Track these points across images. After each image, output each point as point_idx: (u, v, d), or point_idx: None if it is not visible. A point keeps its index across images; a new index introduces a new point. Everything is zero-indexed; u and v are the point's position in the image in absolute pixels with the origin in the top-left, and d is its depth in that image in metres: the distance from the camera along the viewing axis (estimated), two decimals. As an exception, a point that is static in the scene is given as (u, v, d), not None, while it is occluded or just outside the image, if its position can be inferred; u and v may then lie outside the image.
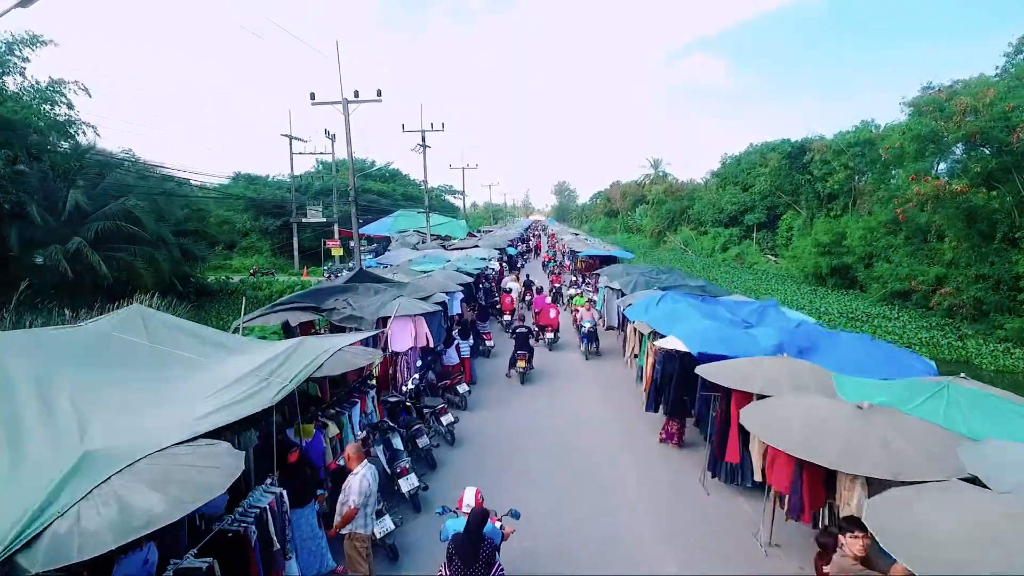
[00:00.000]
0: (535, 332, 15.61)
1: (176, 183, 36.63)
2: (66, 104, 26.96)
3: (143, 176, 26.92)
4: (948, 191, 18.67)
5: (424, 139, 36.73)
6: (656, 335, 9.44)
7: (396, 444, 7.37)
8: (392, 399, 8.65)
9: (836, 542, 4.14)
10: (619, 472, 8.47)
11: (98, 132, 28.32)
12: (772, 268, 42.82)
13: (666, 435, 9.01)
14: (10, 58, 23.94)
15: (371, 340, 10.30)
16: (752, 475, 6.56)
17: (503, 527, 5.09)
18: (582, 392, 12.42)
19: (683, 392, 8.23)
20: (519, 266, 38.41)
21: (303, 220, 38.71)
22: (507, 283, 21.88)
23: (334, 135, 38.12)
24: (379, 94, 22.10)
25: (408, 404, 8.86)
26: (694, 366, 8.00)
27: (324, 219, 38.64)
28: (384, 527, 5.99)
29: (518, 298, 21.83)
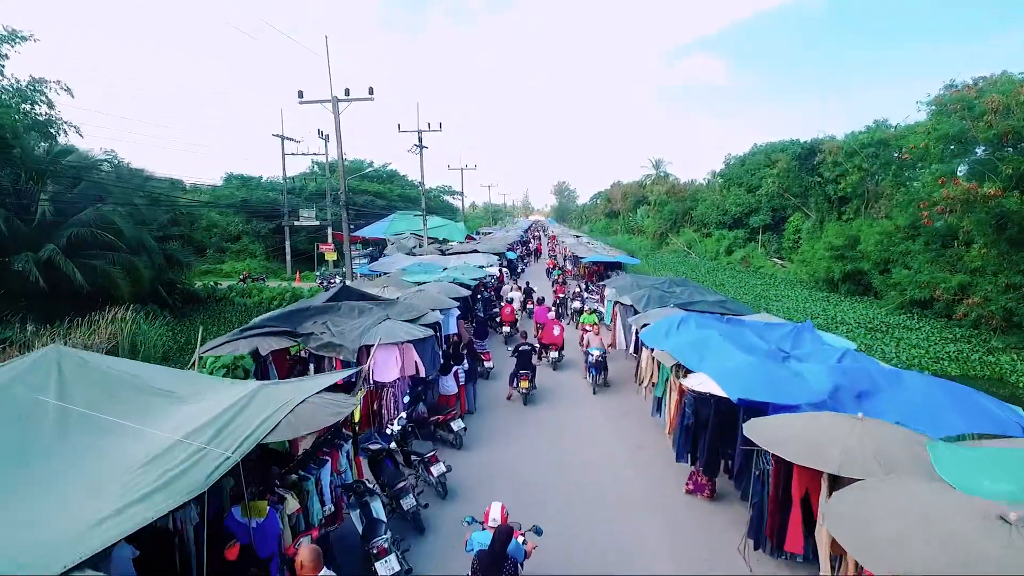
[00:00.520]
0: (538, 350, 14.34)
1: (163, 185, 35.38)
2: (46, 104, 25.77)
3: (124, 179, 25.62)
4: (979, 195, 17.42)
5: (420, 139, 35.46)
6: (681, 369, 8.17)
7: (376, 511, 6.09)
8: (373, 446, 7.37)
9: None
10: (640, 532, 7.19)
11: (80, 132, 26.97)
12: (780, 272, 41.58)
13: (695, 486, 7.74)
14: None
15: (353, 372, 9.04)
16: (810, 555, 5.30)
17: (526, 542, 5.15)
18: (592, 424, 11.07)
19: (720, 443, 6.96)
20: (519, 271, 37.16)
21: (295, 223, 37.37)
22: (509, 293, 20.62)
23: (327, 135, 36.75)
24: (371, 92, 20.85)
25: (393, 450, 7.58)
26: (732, 411, 6.75)
27: (318, 222, 37.31)
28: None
29: (519, 307, 20.61)
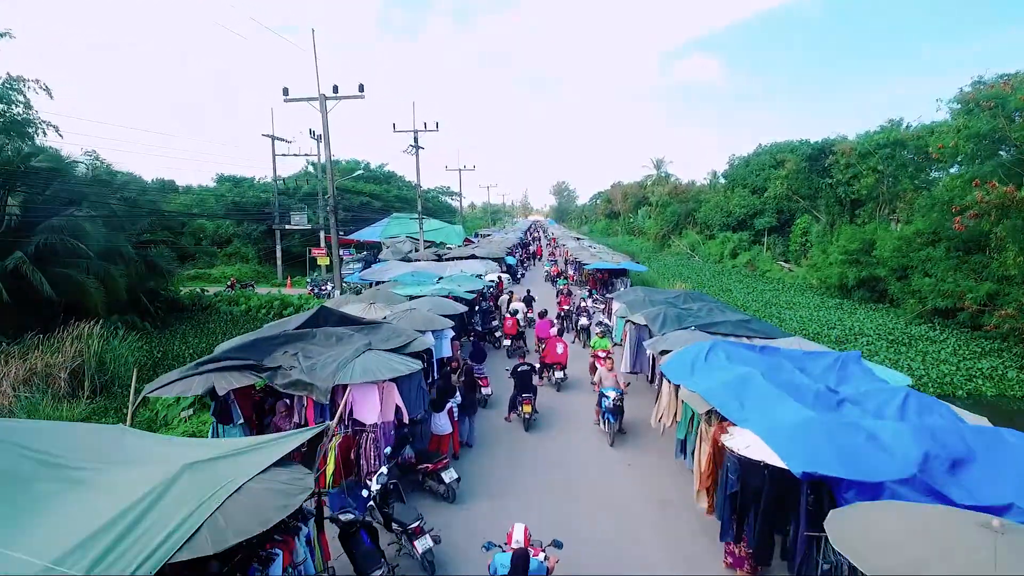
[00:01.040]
0: (539, 370, 13.02)
1: (147, 187, 33.98)
2: (23, 104, 24.47)
3: (102, 181, 24.23)
4: (1017, 199, 16.12)
5: (416, 139, 34.11)
6: (714, 414, 6.84)
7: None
8: (345, 516, 6.03)
9: None
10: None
11: (60, 133, 25.55)
12: (788, 277, 40.24)
13: (733, 560, 6.41)
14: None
15: (325, 410, 7.70)
16: None
17: (547, 558, 5.07)
18: (606, 470, 9.59)
19: (775, 522, 5.63)
20: (520, 276, 35.80)
21: (286, 227, 35.96)
22: (511, 304, 19.29)
23: (319, 135, 35.40)
24: (361, 89, 19.52)
25: (368, 522, 6.23)
26: (788, 479, 5.41)
27: (309, 226, 35.89)
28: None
29: (522, 318, 19.34)
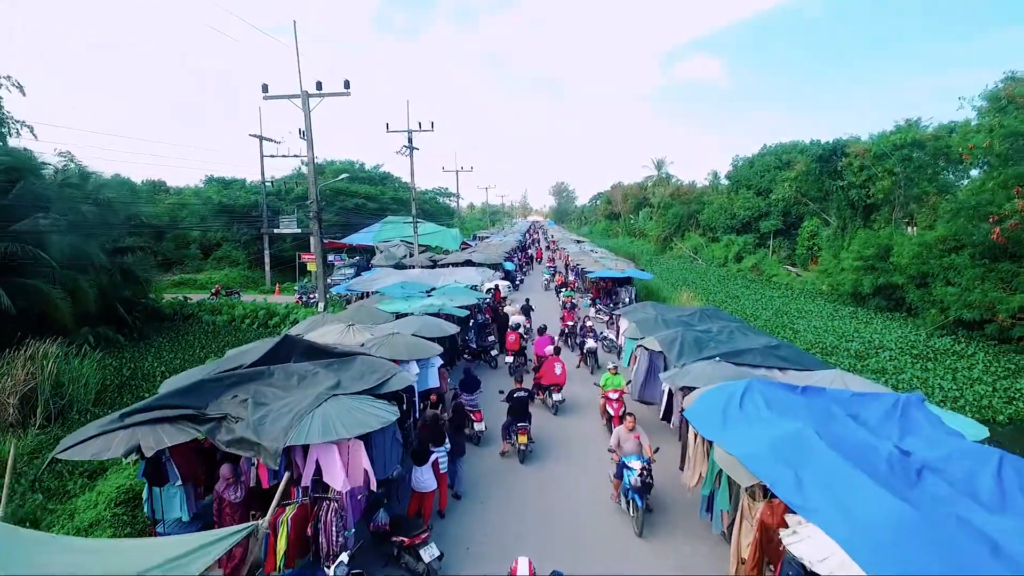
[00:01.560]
0: (533, 394, 11.69)
1: (133, 188, 32.53)
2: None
3: (73, 184, 22.74)
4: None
5: (411, 140, 32.60)
6: (762, 491, 5.43)
7: None
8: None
9: None
10: None
11: (34, 132, 24.08)
12: (795, 282, 38.86)
13: None
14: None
15: (281, 462, 6.29)
16: None
17: None
18: (620, 536, 7.95)
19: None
20: (518, 282, 34.37)
21: (275, 231, 34.48)
22: (512, 318, 17.91)
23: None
24: (347, 86, 18.13)
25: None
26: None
27: (299, 230, 34.40)
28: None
29: (523, 331, 17.99)
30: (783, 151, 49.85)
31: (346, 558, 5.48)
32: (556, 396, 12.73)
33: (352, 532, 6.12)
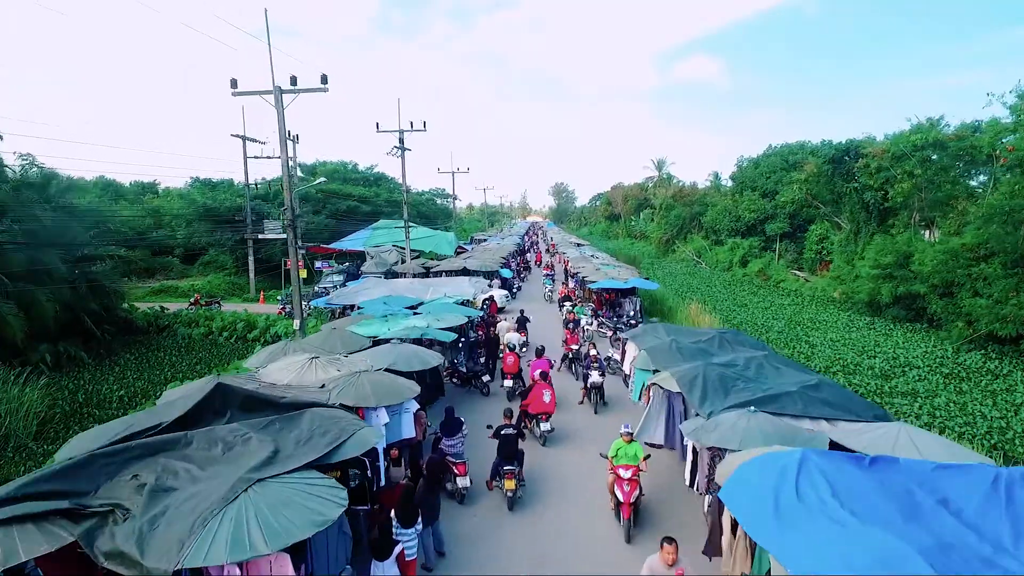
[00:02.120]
0: (522, 431, 10.12)
1: (126, 190, 30.91)
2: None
3: (30, 185, 21.06)
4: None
5: (402, 140, 30.98)
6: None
7: None
8: None
9: None
10: None
11: (-1, 134, 22.37)
12: (804, 288, 37.21)
13: None
14: None
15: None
16: None
17: None
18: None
19: None
20: (516, 290, 32.71)
21: (259, 236, 32.80)
22: (510, 339, 16.30)
23: (296, 135, 32.27)
24: (324, 81, 16.46)
25: None
26: None
27: (284, 235, 32.68)
28: None
29: (519, 346, 16.43)
30: (789, 152, 48.25)
31: None
32: (544, 426, 11.39)
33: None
